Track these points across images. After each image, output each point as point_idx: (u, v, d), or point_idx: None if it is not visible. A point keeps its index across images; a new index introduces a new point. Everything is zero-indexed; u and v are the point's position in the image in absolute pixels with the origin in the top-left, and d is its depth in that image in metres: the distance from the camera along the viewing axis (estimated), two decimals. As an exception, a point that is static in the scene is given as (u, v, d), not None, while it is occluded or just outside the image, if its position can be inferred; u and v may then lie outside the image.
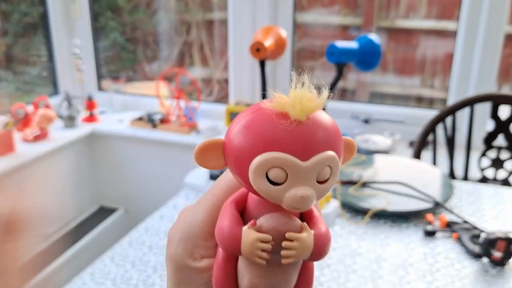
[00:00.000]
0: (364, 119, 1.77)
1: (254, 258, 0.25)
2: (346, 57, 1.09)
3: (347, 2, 2.00)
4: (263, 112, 0.24)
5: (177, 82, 1.86)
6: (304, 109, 0.24)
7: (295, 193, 0.24)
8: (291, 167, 0.23)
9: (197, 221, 0.29)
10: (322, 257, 0.26)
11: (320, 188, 0.24)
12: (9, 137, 1.61)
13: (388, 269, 0.82)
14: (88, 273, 0.82)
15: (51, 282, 1.61)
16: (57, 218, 1.87)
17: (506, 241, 0.81)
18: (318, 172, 0.24)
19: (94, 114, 1.98)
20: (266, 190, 0.24)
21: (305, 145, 0.23)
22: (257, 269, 0.26)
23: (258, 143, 0.24)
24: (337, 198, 1.02)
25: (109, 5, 2.26)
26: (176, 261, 0.29)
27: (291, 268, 0.26)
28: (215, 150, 0.26)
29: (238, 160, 0.24)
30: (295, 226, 0.25)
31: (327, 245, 0.26)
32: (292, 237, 0.25)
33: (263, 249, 0.25)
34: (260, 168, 0.23)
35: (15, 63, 2.17)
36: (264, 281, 0.26)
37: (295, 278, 0.27)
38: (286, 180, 0.24)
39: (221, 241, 0.26)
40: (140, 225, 0.97)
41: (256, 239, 0.25)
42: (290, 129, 0.23)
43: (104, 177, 2.05)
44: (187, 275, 0.29)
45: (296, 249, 0.25)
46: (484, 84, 1.61)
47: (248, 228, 0.25)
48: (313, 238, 0.25)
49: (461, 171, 1.44)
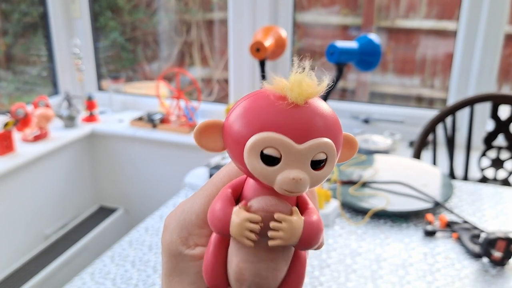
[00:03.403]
0: (364, 119, 1.77)
1: (241, 239, 0.25)
2: (346, 57, 1.09)
3: (347, 2, 2.00)
4: (262, 95, 0.25)
5: (177, 82, 1.86)
6: (302, 92, 0.24)
7: (288, 175, 0.23)
8: (285, 148, 0.23)
9: (194, 208, 0.29)
10: (311, 246, 0.25)
11: (315, 175, 0.24)
12: (9, 137, 1.61)
13: (388, 269, 0.82)
14: (88, 273, 0.82)
15: (51, 282, 1.61)
16: (57, 218, 1.87)
17: (506, 241, 0.81)
18: (312, 157, 0.24)
19: (94, 114, 1.98)
20: (259, 170, 0.24)
21: (301, 128, 0.23)
22: (245, 253, 0.26)
23: (254, 123, 0.24)
24: (337, 198, 1.02)
25: (109, 5, 2.26)
26: (170, 248, 0.29)
27: (280, 256, 0.26)
28: (214, 131, 0.26)
29: (234, 140, 0.25)
30: (285, 208, 0.25)
31: (317, 233, 0.25)
32: (281, 218, 0.25)
33: (251, 229, 0.24)
34: (255, 147, 0.23)
35: (15, 63, 2.17)
36: (251, 266, 0.26)
37: (283, 268, 0.26)
38: (280, 162, 0.24)
39: (212, 220, 0.26)
40: (140, 225, 0.97)
41: (245, 218, 0.24)
42: (287, 111, 0.24)
43: (104, 177, 2.05)
44: (180, 263, 0.29)
45: (283, 230, 0.24)
46: (484, 84, 1.61)
47: (238, 208, 0.25)
48: (302, 223, 0.25)
49: (461, 171, 1.44)
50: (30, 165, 1.69)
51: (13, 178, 1.62)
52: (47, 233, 1.81)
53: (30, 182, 1.72)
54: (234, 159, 0.25)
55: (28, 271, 1.62)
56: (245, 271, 0.26)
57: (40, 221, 1.78)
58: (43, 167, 1.76)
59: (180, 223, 0.29)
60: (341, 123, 0.26)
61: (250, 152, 0.24)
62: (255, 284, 0.26)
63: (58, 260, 1.66)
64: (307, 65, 0.25)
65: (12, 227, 1.66)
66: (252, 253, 0.26)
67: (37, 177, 1.75)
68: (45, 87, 2.17)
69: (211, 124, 0.26)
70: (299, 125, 0.23)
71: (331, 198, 0.98)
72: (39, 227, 1.78)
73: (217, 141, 0.26)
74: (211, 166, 1.15)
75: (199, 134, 0.26)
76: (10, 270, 1.61)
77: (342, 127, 0.26)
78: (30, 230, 1.74)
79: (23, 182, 1.68)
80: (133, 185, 2.01)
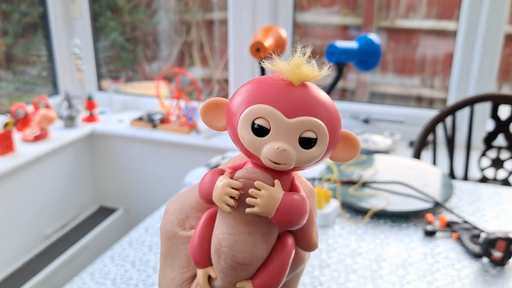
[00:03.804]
0: (364, 119, 1.77)
1: (221, 204, 0.25)
2: (346, 57, 1.09)
3: (347, 2, 2.00)
4: (264, 77, 0.26)
5: (177, 82, 1.86)
6: (298, 73, 0.25)
7: (273, 145, 0.24)
8: (275, 120, 0.24)
9: (195, 192, 0.29)
10: (289, 223, 0.25)
11: (302, 152, 0.25)
12: (9, 137, 1.61)
13: (388, 269, 0.82)
14: (88, 273, 0.82)
15: (51, 282, 1.61)
16: (57, 218, 1.87)
17: (506, 241, 0.81)
18: (301, 133, 0.24)
19: (94, 114, 1.98)
20: (248, 139, 0.25)
21: (293, 103, 0.24)
22: (224, 225, 0.26)
23: (249, 97, 0.25)
24: (337, 198, 1.02)
25: (109, 5, 2.26)
26: (167, 229, 0.30)
27: (259, 232, 0.26)
28: (218, 108, 0.27)
29: (232, 113, 0.26)
30: (267, 179, 0.26)
31: (297, 210, 0.25)
32: (260, 185, 0.25)
33: (231, 194, 0.25)
34: (247, 117, 0.25)
35: (15, 63, 2.17)
36: (229, 237, 0.26)
37: (262, 247, 0.26)
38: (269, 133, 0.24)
39: (199, 187, 0.27)
40: (140, 225, 0.97)
41: (226, 184, 0.25)
42: (282, 87, 0.25)
43: (104, 177, 2.05)
44: (174, 244, 0.29)
45: (261, 197, 0.25)
46: (484, 84, 1.61)
47: (224, 175, 0.26)
48: (282, 195, 0.25)
49: (461, 171, 1.44)
50: (30, 165, 1.69)
51: (13, 178, 1.62)
52: (47, 233, 1.81)
53: (30, 182, 1.72)
54: (231, 134, 0.26)
55: (28, 271, 1.62)
56: (222, 242, 0.26)
57: (40, 221, 1.78)
58: (43, 167, 1.76)
59: (180, 206, 0.30)
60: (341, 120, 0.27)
61: (243, 122, 0.25)
62: (231, 256, 0.26)
63: (58, 260, 1.67)
64: (308, 51, 0.26)
65: (12, 227, 1.66)
66: (231, 224, 0.26)
67: (37, 177, 1.75)
68: (45, 87, 2.17)
69: (217, 102, 0.27)
70: (291, 101, 0.24)
71: (331, 198, 0.98)
72: (39, 227, 1.78)
73: (220, 119, 0.27)
74: (211, 166, 1.15)
75: (205, 110, 0.27)
76: (10, 270, 1.61)
77: (341, 121, 0.27)
78: (30, 230, 1.74)
79: (23, 182, 1.68)
80: (133, 185, 2.01)
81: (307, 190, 0.29)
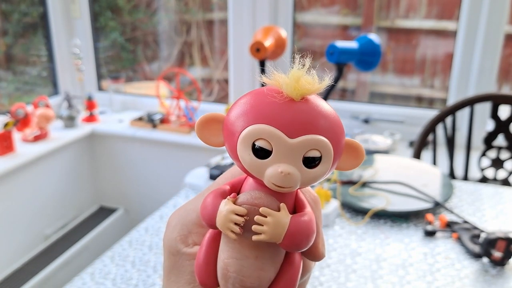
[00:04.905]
0: (364, 119, 1.77)
1: (226, 231, 0.24)
2: (346, 57, 1.09)
3: (347, 2, 2.00)
4: (262, 90, 0.25)
5: (177, 82, 1.86)
6: (299, 88, 0.24)
7: (276, 168, 0.23)
8: (276, 141, 0.23)
9: (196, 207, 0.29)
10: (298, 247, 0.25)
11: (307, 173, 0.24)
12: (9, 137, 1.61)
13: (388, 269, 0.82)
14: (88, 273, 0.82)
15: (51, 282, 1.61)
16: (57, 218, 1.87)
17: (506, 241, 0.81)
18: (304, 153, 0.23)
19: (94, 114, 1.98)
20: (249, 162, 0.24)
21: (294, 122, 0.23)
22: (230, 249, 0.25)
23: (248, 116, 0.24)
24: (337, 198, 1.02)
25: (109, 5, 2.26)
26: (170, 245, 0.29)
27: (266, 255, 0.25)
28: (215, 124, 0.25)
29: (230, 132, 0.24)
30: (272, 203, 0.25)
31: (305, 234, 0.25)
32: (266, 212, 0.24)
33: (235, 221, 0.24)
34: (246, 139, 0.23)
35: (15, 63, 2.17)
36: (236, 263, 0.25)
37: (270, 269, 0.26)
38: (271, 155, 0.23)
39: (202, 210, 0.26)
40: (140, 225, 0.97)
41: (230, 210, 0.24)
42: (282, 105, 0.23)
43: (104, 177, 2.05)
44: (178, 261, 0.29)
45: (268, 225, 0.24)
46: (484, 84, 1.61)
47: (227, 200, 0.25)
48: (289, 220, 0.24)
49: (461, 171, 1.44)
50: (30, 165, 1.69)
51: (13, 178, 1.62)
52: (47, 233, 1.81)
53: (30, 182, 1.72)
54: (230, 153, 0.25)
55: (28, 271, 1.62)
56: (229, 267, 0.25)
57: (40, 221, 1.78)
58: (43, 167, 1.76)
59: (181, 221, 0.29)
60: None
61: (242, 143, 0.24)
62: (239, 281, 0.25)
63: (58, 260, 1.66)
64: (307, 62, 0.24)
65: (12, 227, 1.66)
66: (237, 249, 0.25)
67: (37, 177, 1.75)
68: (45, 87, 2.17)
69: (213, 117, 0.25)
70: (293, 119, 0.23)
71: (331, 198, 0.98)
72: (39, 227, 1.78)
73: (217, 136, 0.26)
74: (211, 166, 1.15)
75: (201, 127, 0.25)
76: (10, 270, 1.61)
77: (344, 131, 0.26)
78: (30, 230, 1.74)
79: (23, 182, 1.68)
80: (133, 185, 2.01)
81: (311, 199, 0.28)
